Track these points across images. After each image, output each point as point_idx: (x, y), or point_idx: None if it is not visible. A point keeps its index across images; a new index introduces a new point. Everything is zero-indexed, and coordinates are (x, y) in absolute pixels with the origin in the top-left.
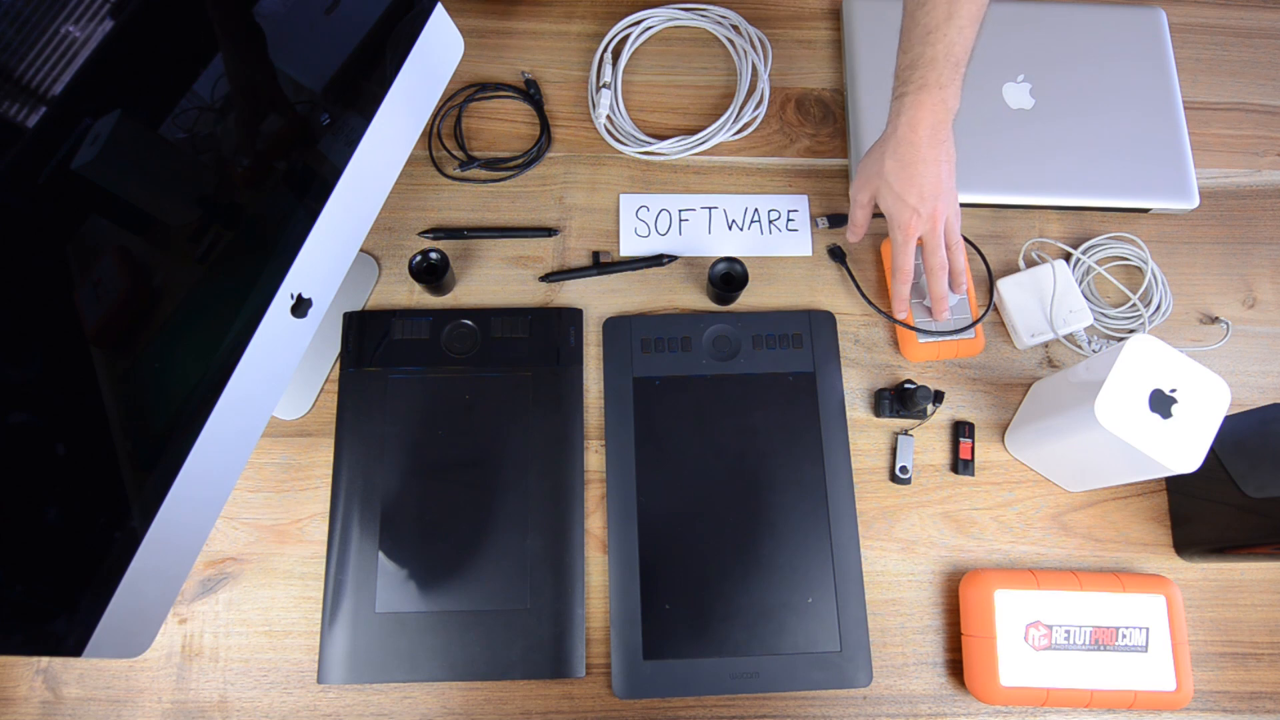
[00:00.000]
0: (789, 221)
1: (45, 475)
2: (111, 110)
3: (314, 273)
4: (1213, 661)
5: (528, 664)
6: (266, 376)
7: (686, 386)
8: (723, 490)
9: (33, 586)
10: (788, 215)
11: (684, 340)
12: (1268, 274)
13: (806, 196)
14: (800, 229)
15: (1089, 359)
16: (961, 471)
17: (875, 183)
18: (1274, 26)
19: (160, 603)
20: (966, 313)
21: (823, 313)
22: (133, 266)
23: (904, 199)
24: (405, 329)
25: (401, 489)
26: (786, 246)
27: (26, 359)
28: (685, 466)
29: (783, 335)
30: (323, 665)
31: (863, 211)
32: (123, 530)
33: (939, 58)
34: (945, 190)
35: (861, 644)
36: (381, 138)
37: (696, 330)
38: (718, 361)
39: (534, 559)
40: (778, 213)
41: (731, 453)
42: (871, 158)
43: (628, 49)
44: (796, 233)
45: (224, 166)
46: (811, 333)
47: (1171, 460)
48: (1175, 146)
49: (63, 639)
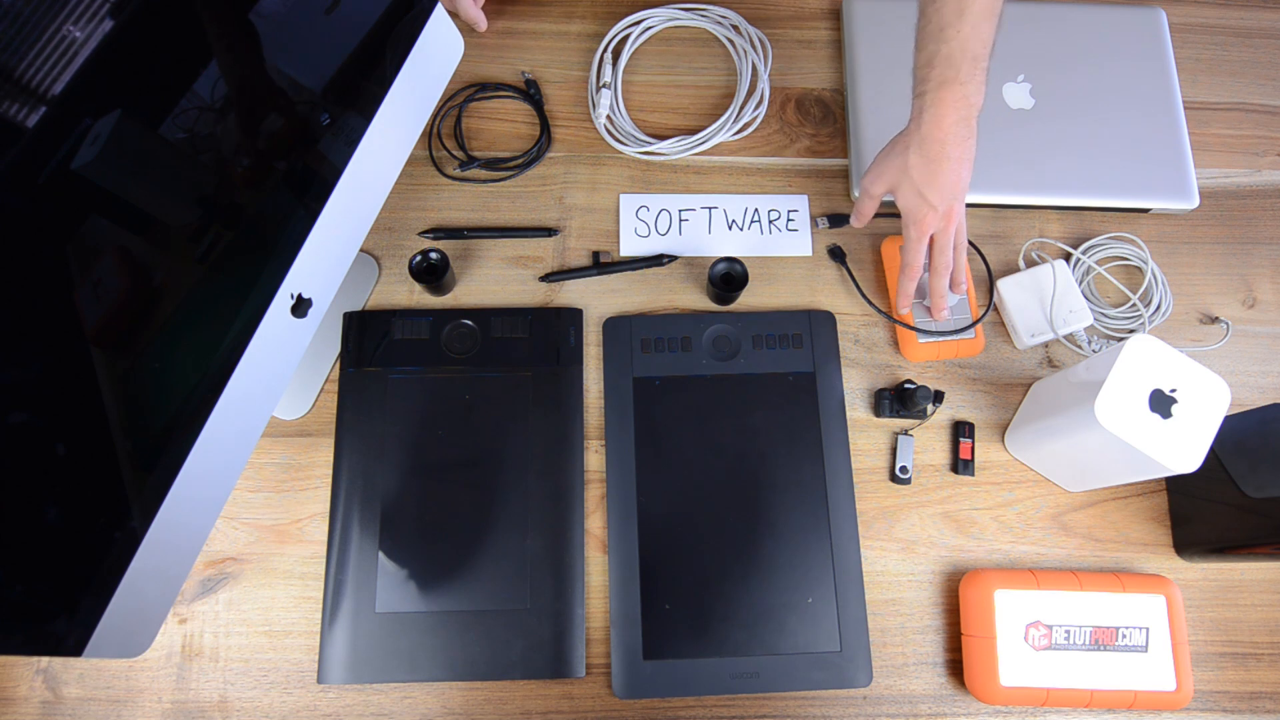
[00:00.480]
0: (789, 221)
1: (45, 475)
2: (112, 110)
3: (314, 273)
4: (1213, 661)
5: (528, 664)
6: (267, 376)
7: (686, 386)
8: (723, 490)
9: (33, 586)
10: (788, 215)
11: (684, 340)
12: (1268, 274)
13: (806, 197)
14: (800, 229)
15: (1089, 359)
16: (962, 471)
17: (895, 177)
18: (1273, 26)
19: (160, 603)
20: (966, 313)
21: (823, 313)
22: (133, 266)
23: (925, 196)
24: (405, 329)
25: (401, 489)
26: (787, 246)
27: (26, 359)
28: (685, 466)
29: (783, 335)
30: (323, 665)
31: (871, 203)
32: (123, 530)
33: (954, 54)
34: (963, 191)
35: (861, 644)
36: (381, 138)
37: (696, 330)
38: (718, 361)
39: (534, 559)
40: (778, 213)
41: (731, 452)
42: (894, 152)
43: (628, 49)
44: (797, 233)
45: (224, 166)
46: (811, 333)
47: (1172, 460)
48: (1175, 146)
49: (63, 639)
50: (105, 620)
